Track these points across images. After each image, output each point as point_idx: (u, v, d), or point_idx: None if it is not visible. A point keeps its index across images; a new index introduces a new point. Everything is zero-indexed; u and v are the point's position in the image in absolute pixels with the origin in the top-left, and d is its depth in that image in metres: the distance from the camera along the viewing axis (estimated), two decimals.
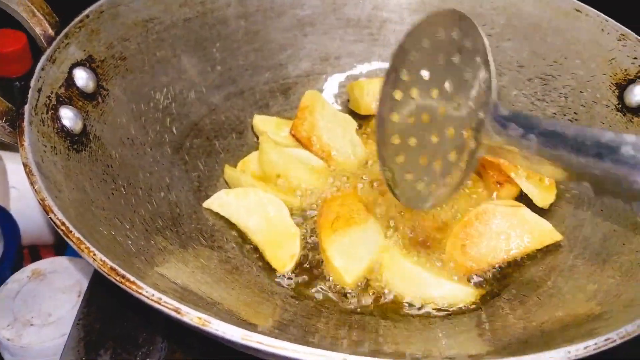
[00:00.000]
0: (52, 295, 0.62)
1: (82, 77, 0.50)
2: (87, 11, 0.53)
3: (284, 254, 0.52)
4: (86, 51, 0.52)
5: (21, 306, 0.60)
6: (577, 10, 0.61)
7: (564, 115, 0.61)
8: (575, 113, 0.60)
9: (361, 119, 0.67)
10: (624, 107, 0.58)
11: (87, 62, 0.51)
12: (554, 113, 0.62)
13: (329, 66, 0.69)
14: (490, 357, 0.32)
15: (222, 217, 0.56)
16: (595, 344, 0.32)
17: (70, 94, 0.49)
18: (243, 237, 0.55)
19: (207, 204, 0.56)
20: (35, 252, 0.78)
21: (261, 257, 0.54)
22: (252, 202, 0.55)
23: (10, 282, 0.63)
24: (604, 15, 0.60)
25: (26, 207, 0.70)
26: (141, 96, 0.56)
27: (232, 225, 0.56)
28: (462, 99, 0.44)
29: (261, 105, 0.66)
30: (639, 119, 0.57)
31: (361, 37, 0.69)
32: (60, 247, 0.78)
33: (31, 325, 0.59)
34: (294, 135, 0.63)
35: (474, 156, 0.43)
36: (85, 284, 0.62)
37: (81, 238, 0.36)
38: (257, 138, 0.64)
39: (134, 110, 0.55)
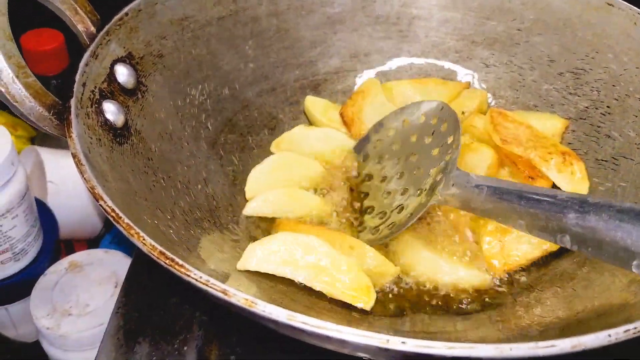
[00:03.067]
0: (89, 286, 0.63)
1: (123, 73, 0.51)
2: (126, 9, 0.54)
3: (357, 289, 0.46)
4: (126, 48, 0.53)
5: (59, 297, 0.62)
6: (609, 4, 0.61)
7: (596, 109, 0.61)
8: (607, 107, 0.60)
9: None
10: None
11: (127, 59, 0.52)
12: (586, 107, 0.62)
13: (358, 63, 0.69)
14: (527, 342, 0.32)
15: None
16: (635, 327, 0.32)
17: (112, 89, 0.50)
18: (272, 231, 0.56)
19: (240, 265, 0.47)
20: (70, 247, 0.80)
21: None
22: (288, 250, 0.46)
23: (48, 273, 0.64)
24: (636, 8, 0.60)
25: (63, 201, 0.72)
26: (178, 92, 0.57)
27: (264, 219, 0.56)
28: (423, 169, 0.53)
29: (292, 102, 0.67)
30: None
31: (390, 34, 0.69)
32: (93, 242, 0.79)
33: (69, 315, 0.60)
34: (341, 115, 0.65)
35: (425, 206, 0.51)
36: (120, 275, 0.63)
37: (131, 224, 0.36)
38: (308, 119, 0.67)
39: (172, 106, 0.56)
